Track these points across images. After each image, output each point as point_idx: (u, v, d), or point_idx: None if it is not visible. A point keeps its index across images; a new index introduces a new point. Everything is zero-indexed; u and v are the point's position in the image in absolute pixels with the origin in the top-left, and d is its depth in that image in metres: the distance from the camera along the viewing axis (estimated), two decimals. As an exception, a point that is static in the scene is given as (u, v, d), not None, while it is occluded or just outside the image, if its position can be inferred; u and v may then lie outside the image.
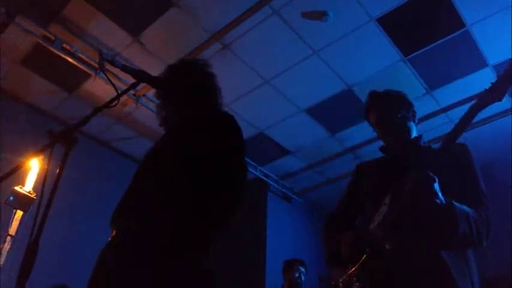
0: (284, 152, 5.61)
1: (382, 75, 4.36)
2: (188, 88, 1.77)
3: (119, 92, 1.60)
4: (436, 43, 4.02)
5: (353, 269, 1.63)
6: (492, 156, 5.31)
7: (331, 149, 5.48)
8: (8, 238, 2.36)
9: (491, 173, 5.29)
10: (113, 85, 1.69)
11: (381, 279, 1.56)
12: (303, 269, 4.08)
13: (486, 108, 1.54)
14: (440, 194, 1.47)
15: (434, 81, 4.48)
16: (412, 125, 1.84)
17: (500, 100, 1.52)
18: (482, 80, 4.42)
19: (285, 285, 4.09)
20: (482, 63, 4.22)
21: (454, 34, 3.92)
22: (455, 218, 1.48)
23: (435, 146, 1.79)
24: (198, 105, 1.78)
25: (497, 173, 5.19)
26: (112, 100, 1.55)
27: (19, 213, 2.45)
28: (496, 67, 4.25)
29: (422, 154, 1.72)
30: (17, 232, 2.38)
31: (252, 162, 5.70)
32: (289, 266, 4.12)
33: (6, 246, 2.34)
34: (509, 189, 4.78)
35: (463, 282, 1.50)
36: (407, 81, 4.44)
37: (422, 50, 4.10)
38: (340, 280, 1.71)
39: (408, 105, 1.87)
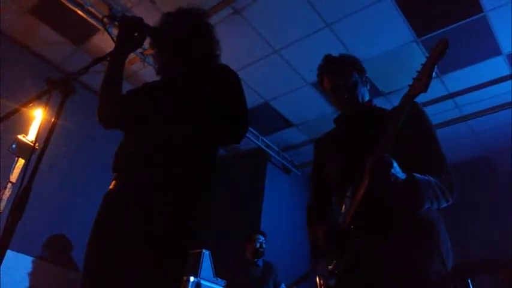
0: (287, 124, 5.60)
1: (392, 54, 4.30)
2: (183, 36, 1.73)
3: None
4: (451, 26, 3.93)
5: (331, 264, 1.66)
6: (493, 147, 5.32)
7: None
8: (9, 185, 2.42)
9: (492, 163, 5.33)
10: (110, 35, 1.70)
11: (350, 277, 1.57)
12: (262, 238, 4.45)
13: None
14: (400, 174, 1.44)
15: (445, 66, 4.41)
16: (365, 89, 1.85)
17: (425, 91, 1.47)
18: (494, 68, 4.36)
19: (247, 254, 4.43)
20: (495, 51, 4.15)
21: (471, 18, 3.84)
22: (419, 192, 1.46)
23: (387, 109, 1.81)
24: (194, 53, 1.75)
25: (497, 163, 5.21)
26: (112, 51, 1.56)
27: (21, 161, 2.50)
28: (509, 56, 4.18)
29: (375, 120, 1.71)
30: (17, 179, 2.43)
31: (254, 132, 5.71)
32: (250, 237, 4.48)
33: (7, 192, 2.40)
34: (508, 179, 4.82)
35: (436, 266, 1.49)
36: (418, 62, 4.35)
37: (437, 32, 4.02)
38: (321, 274, 1.74)
39: (361, 70, 1.87)
